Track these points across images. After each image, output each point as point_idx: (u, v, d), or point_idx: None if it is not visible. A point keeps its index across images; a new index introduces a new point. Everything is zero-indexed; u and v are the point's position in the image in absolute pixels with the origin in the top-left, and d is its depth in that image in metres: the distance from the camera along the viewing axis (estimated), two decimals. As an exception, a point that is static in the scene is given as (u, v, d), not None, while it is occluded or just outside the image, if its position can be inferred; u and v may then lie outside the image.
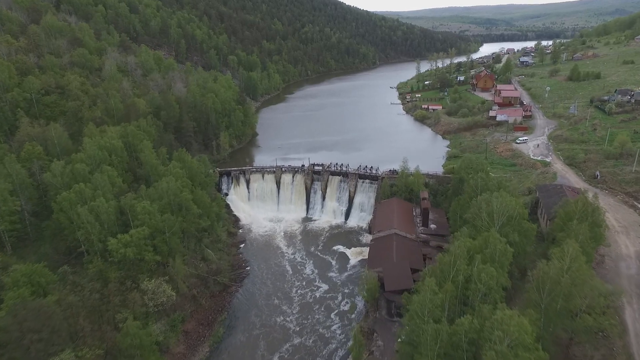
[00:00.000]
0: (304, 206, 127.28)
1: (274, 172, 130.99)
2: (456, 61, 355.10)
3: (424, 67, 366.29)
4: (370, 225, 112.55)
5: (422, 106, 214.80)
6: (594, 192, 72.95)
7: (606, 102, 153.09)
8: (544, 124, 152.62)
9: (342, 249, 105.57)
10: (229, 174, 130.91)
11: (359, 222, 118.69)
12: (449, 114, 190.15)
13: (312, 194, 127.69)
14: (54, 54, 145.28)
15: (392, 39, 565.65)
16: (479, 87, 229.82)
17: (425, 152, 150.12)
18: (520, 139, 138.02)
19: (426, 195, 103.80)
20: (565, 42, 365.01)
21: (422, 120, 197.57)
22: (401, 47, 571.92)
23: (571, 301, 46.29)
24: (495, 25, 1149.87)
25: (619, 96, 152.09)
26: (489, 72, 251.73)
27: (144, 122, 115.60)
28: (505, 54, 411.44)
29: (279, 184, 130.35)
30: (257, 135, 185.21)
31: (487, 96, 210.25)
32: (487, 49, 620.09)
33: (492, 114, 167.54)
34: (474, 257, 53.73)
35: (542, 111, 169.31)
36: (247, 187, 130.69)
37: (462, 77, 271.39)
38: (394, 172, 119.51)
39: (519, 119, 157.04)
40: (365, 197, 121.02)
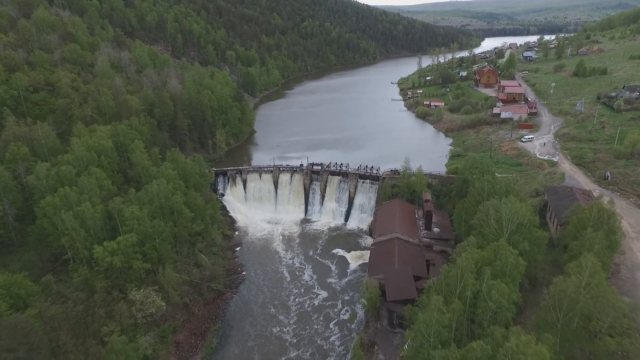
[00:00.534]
0: (303, 207, 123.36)
1: (272, 171, 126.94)
2: (458, 56, 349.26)
3: (426, 62, 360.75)
4: (370, 227, 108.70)
5: (424, 102, 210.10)
6: (609, 198, 68.73)
7: (614, 98, 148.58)
8: (549, 122, 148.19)
9: (341, 252, 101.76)
10: (225, 174, 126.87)
11: (359, 224, 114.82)
12: (452, 111, 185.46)
13: (310, 195, 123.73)
14: (45, 50, 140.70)
15: (393, 34, 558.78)
16: (482, 83, 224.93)
17: (427, 151, 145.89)
18: (525, 137, 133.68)
19: (429, 197, 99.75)
20: (569, 36, 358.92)
21: (423, 117, 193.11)
22: (402, 41, 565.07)
23: (591, 321, 42.36)
24: (496, 19, 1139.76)
25: (628, 92, 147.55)
26: (491, 68, 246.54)
27: (136, 121, 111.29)
28: (507, 48, 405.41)
29: (276, 184, 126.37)
30: (254, 132, 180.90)
31: (490, 92, 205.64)
32: (489, 44, 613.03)
33: (496, 111, 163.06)
34: (483, 270, 49.87)
35: (548, 108, 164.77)
36: (244, 187, 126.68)
37: (464, 73, 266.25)
38: (395, 172, 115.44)
39: (524, 116, 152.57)
40: (365, 198, 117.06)
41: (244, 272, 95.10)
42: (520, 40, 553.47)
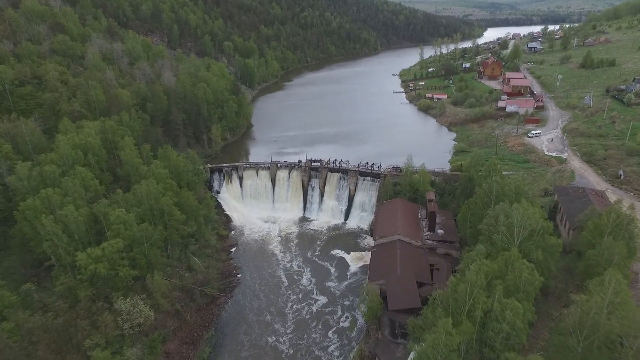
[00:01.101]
0: (301, 205, 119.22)
1: (269, 168, 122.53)
2: (461, 47, 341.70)
3: (428, 52, 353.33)
4: (371, 227, 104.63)
5: (426, 95, 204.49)
6: (630, 203, 64.21)
7: (624, 91, 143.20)
8: (557, 116, 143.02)
9: (341, 253, 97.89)
10: (220, 171, 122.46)
11: (359, 223, 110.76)
12: (455, 104, 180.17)
13: (309, 192, 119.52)
14: (33, 41, 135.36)
15: (395, 24, 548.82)
16: (486, 74, 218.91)
17: (429, 146, 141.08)
18: (532, 132, 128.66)
19: (433, 196, 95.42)
20: (574, 26, 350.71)
21: (426, 110, 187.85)
22: (403, 32, 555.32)
23: (616, 346, 38.26)
24: (499, 9, 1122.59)
25: (638, 85, 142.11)
26: (496, 59, 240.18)
27: (127, 116, 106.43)
28: (511, 39, 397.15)
29: (274, 181, 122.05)
30: (252, 126, 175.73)
31: (494, 85, 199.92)
32: (492, 34, 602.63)
33: (501, 104, 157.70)
34: (494, 285, 45.71)
35: (554, 101, 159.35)
36: (240, 184, 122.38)
37: (467, 64, 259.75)
38: (397, 169, 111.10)
39: (531, 110, 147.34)
40: (366, 196, 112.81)
41: (240, 275, 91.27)
42: (523, 30, 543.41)
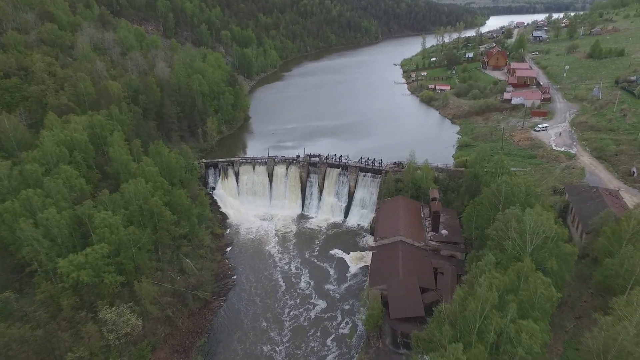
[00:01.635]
0: (299, 202, 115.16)
1: (266, 163, 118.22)
2: (464, 36, 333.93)
3: (430, 42, 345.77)
4: (372, 225, 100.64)
5: (429, 86, 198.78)
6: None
7: (634, 83, 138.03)
8: (564, 108, 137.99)
9: (340, 253, 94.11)
10: (216, 166, 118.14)
11: (359, 221, 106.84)
12: (458, 96, 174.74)
13: (308, 188, 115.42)
14: (20, 30, 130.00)
15: (396, 12, 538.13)
16: (490, 65, 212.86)
17: (432, 140, 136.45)
18: (539, 125, 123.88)
19: (436, 194, 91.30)
20: (580, 14, 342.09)
21: (428, 101, 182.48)
22: (405, 20, 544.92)
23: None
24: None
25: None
26: (500, 49, 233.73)
27: (116, 110, 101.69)
28: (515, 27, 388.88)
29: (271, 176, 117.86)
30: (249, 119, 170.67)
31: (499, 75, 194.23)
32: (494, 22, 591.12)
33: (506, 96, 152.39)
34: (506, 301, 41.80)
35: (561, 93, 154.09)
36: (236, 180, 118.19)
37: (470, 54, 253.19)
38: (399, 165, 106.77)
39: (537, 102, 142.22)
40: (367, 192, 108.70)
41: (235, 277, 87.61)
42: (526, 18, 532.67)
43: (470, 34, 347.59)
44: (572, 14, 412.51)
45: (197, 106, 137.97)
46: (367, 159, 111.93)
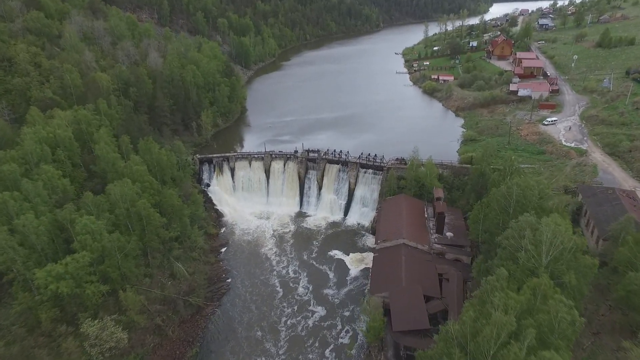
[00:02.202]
0: (297, 199, 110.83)
1: (263, 158, 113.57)
2: (467, 24, 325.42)
3: (432, 30, 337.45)
4: (373, 225, 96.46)
5: (432, 76, 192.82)
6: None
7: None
8: (573, 101, 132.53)
9: (340, 255, 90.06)
10: (210, 162, 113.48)
11: (360, 220, 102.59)
12: (462, 87, 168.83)
13: (306, 185, 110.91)
14: (5, 18, 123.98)
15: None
16: (495, 54, 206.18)
17: (435, 133, 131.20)
18: (548, 119, 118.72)
19: (441, 194, 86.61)
20: (587, 1, 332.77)
21: (431, 93, 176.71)
22: (407, 7, 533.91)
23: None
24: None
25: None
26: (505, 38, 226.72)
27: (104, 104, 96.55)
28: (519, 15, 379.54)
29: (268, 172, 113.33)
30: (246, 111, 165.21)
31: (504, 65, 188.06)
32: (498, 10, 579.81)
33: (512, 87, 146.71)
34: (522, 325, 37.60)
35: (570, 84, 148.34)
36: (232, 176, 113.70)
37: (474, 43, 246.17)
38: (401, 161, 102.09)
39: (545, 94, 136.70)
40: (367, 190, 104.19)
41: (229, 280, 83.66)
42: (531, 5, 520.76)
43: (473, 21, 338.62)
44: (579, 0, 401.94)
45: (191, 98, 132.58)
46: (368, 154, 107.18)
